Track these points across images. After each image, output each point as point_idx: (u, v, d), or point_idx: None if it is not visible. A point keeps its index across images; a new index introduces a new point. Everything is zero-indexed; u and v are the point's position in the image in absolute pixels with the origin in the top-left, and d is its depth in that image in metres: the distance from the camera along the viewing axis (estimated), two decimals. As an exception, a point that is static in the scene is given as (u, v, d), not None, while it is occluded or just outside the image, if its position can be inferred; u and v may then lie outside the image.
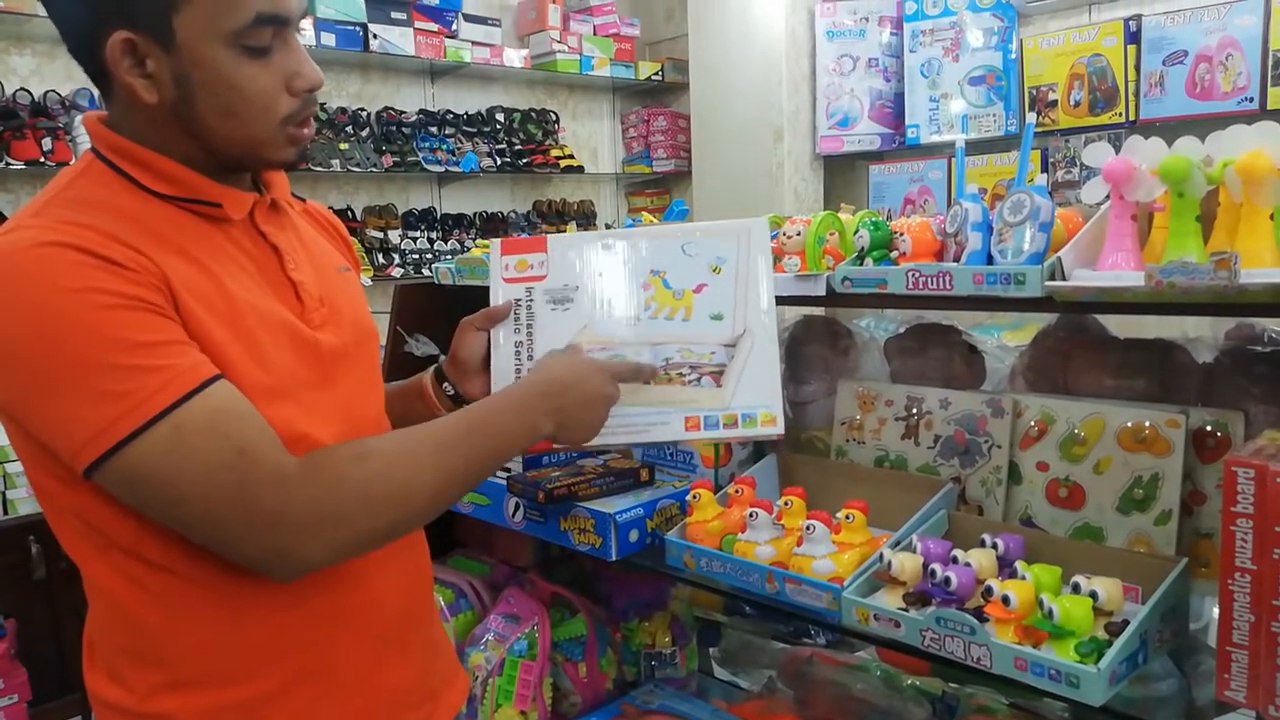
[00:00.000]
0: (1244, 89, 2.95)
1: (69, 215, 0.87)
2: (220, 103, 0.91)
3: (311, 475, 0.87)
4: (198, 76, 0.89)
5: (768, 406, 1.15)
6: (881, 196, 3.81)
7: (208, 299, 0.90)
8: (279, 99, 0.93)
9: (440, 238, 4.40)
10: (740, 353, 1.17)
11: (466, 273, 1.92)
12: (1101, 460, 1.28)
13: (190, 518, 0.85)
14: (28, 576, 2.76)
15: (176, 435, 0.82)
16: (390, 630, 1.04)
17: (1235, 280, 0.93)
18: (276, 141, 0.95)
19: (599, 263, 1.21)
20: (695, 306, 1.19)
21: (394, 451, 0.93)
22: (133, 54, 0.88)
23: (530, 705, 1.67)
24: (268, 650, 0.95)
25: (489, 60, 4.43)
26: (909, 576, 1.18)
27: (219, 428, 0.84)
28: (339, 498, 0.88)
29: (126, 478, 0.83)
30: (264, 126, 0.93)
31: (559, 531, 1.49)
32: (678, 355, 1.17)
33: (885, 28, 3.86)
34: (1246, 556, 0.92)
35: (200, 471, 0.83)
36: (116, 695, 0.95)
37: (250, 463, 0.85)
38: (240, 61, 0.90)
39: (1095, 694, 0.97)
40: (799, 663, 1.81)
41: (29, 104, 3.37)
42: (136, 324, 0.83)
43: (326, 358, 1.00)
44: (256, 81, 0.91)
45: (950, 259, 1.24)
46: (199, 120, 0.92)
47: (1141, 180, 1.07)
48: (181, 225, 0.93)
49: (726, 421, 1.15)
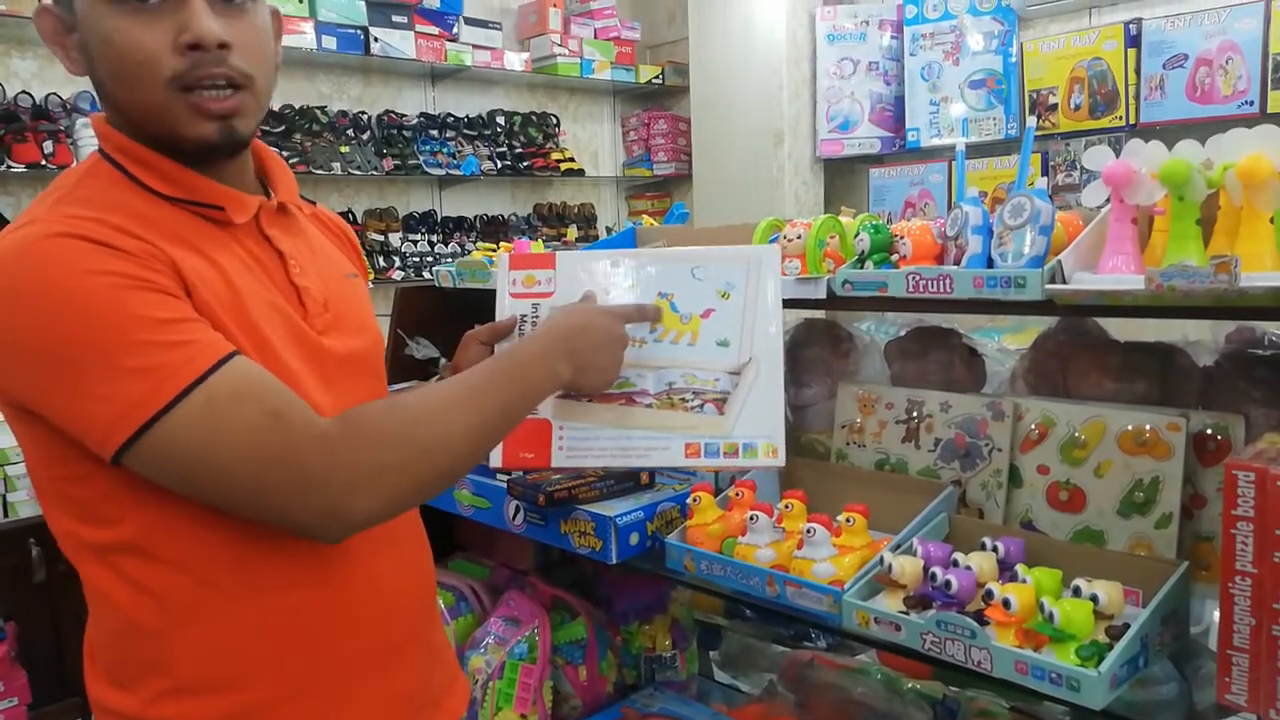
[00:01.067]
0: (1244, 92, 2.95)
1: (77, 211, 0.87)
2: (108, 65, 0.89)
3: (351, 431, 0.87)
4: (89, 38, 0.90)
5: (769, 437, 1.14)
6: (882, 200, 3.81)
7: (216, 290, 0.90)
8: (162, 55, 0.87)
9: (441, 241, 4.40)
10: (745, 381, 1.15)
11: (467, 276, 1.92)
12: (1102, 463, 1.28)
13: (235, 487, 0.84)
14: (28, 579, 2.75)
15: (210, 405, 0.82)
16: (393, 637, 1.04)
17: (1235, 283, 0.93)
18: (177, 110, 0.89)
19: (607, 282, 1.19)
20: (702, 332, 1.17)
21: (427, 402, 0.93)
22: (62, 26, 0.91)
23: (530, 708, 1.67)
24: (270, 657, 0.94)
25: (490, 63, 4.43)
26: (909, 580, 1.18)
27: (252, 394, 0.84)
28: (382, 450, 0.87)
29: (163, 453, 0.82)
30: (151, 88, 0.88)
31: (559, 534, 1.49)
32: (682, 380, 1.16)
33: (886, 31, 3.87)
34: (1247, 560, 0.92)
35: (241, 437, 0.83)
36: (118, 701, 0.94)
37: (289, 425, 0.84)
38: (115, 15, 0.87)
39: (1096, 697, 0.97)
40: (799, 666, 1.81)
41: (30, 107, 3.37)
42: (155, 303, 0.83)
43: (329, 362, 1.00)
44: (132, 35, 0.87)
45: (951, 262, 1.24)
46: (105, 88, 0.92)
47: (1142, 184, 1.07)
48: (187, 225, 0.94)
49: (727, 450, 1.14)
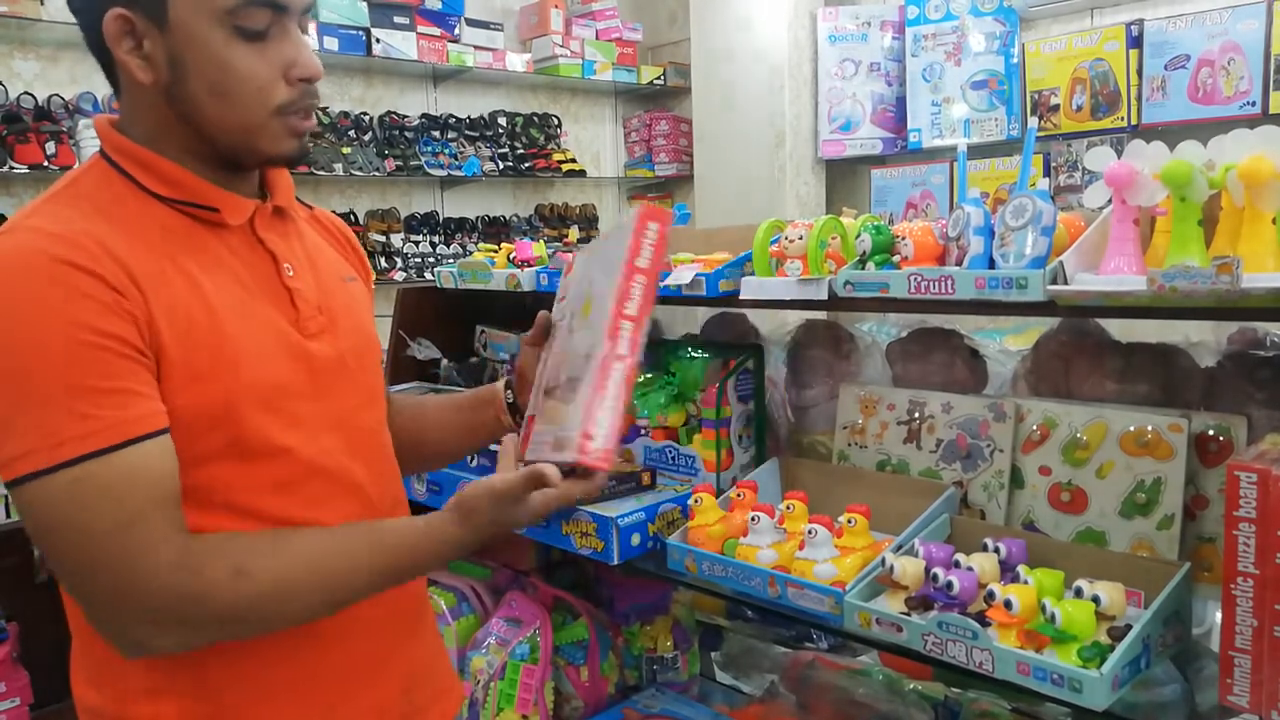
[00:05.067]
0: (1246, 93, 2.95)
1: (66, 215, 0.88)
2: (211, 83, 0.90)
3: (187, 575, 0.86)
4: (190, 56, 0.90)
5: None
6: (883, 200, 3.81)
7: (189, 315, 0.90)
8: (274, 85, 0.92)
9: (442, 241, 4.41)
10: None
11: (468, 276, 1.92)
12: (1104, 464, 1.28)
13: (64, 568, 0.85)
14: (30, 580, 2.75)
15: (76, 488, 0.82)
16: (374, 646, 1.03)
17: (1237, 284, 0.92)
18: (272, 131, 0.93)
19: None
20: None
21: (284, 573, 0.90)
22: (130, 33, 0.90)
23: (532, 709, 1.67)
24: (247, 661, 0.94)
25: (491, 64, 4.44)
26: (911, 581, 1.18)
27: (120, 494, 0.83)
28: (202, 608, 0.87)
29: (30, 507, 0.83)
30: (257, 112, 0.92)
31: (561, 535, 1.49)
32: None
33: (887, 32, 3.87)
34: (1249, 561, 0.92)
35: (84, 531, 0.83)
36: (95, 700, 0.96)
37: (132, 539, 0.83)
38: (233, 42, 0.89)
39: (1098, 698, 0.97)
40: (801, 667, 1.81)
41: (33, 108, 3.38)
42: (95, 365, 0.83)
43: (319, 368, 0.99)
44: (249, 64, 0.90)
45: (952, 263, 1.24)
46: (191, 101, 0.92)
47: (1143, 184, 1.07)
48: (176, 230, 0.94)
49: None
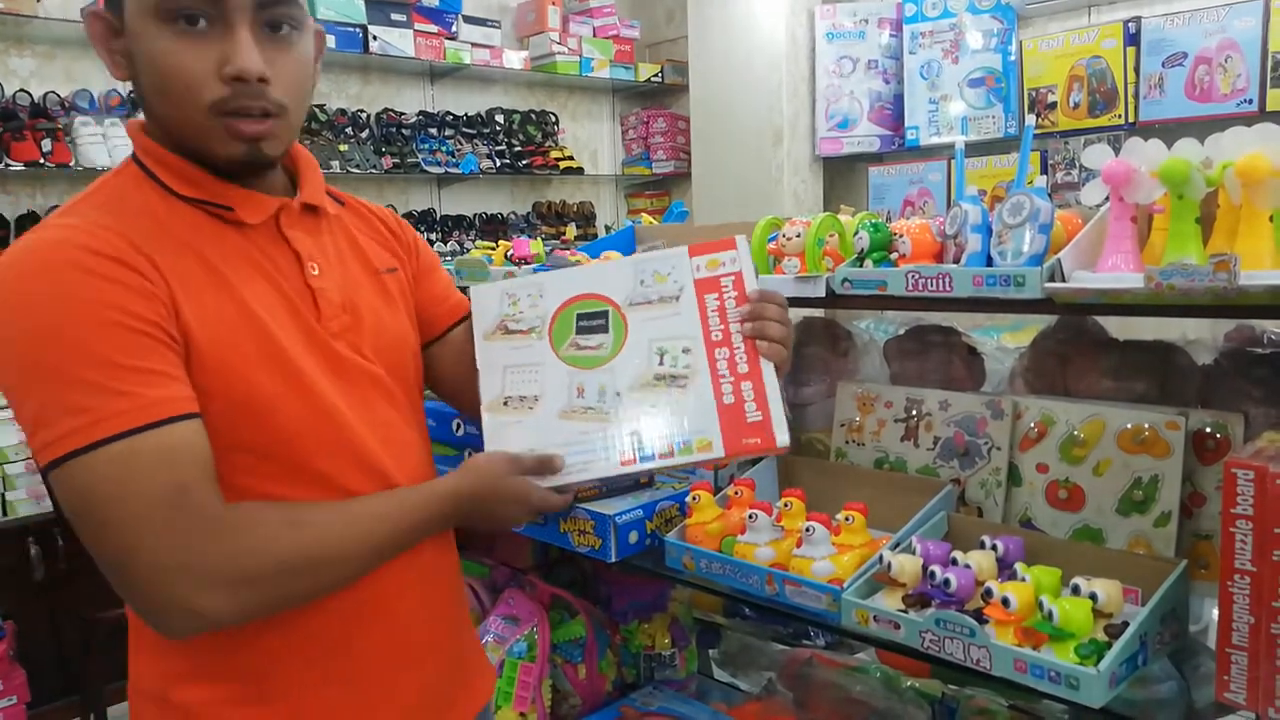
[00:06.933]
0: (1243, 91, 2.96)
1: (94, 216, 0.90)
2: (153, 81, 0.92)
3: (244, 530, 0.88)
4: (136, 51, 0.92)
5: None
6: (881, 198, 3.81)
7: (218, 310, 0.91)
8: (205, 82, 0.90)
9: (440, 239, 4.41)
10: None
11: (466, 274, 1.92)
12: (1101, 462, 1.28)
13: (107, 544, 0.84)
14: (27, 578, 2.76)
15: (120, 460, 0.82)
16: (416, 629, 1.05)
17: (1235, 282, 0.93)
18: (215, 132, 0.92)
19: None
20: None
21: (325, 523, 0.94)
22: (110, 31, 0.93)
23: (529, 707, 1.67)
24: (291, 642, 0.96)
25: (489, 62, 4.43)
26: (909, 578, 1.18)
27: (170, 463, 0.84)
28: (259, 560, 0.88)
29: (70, 488, 0.83)
30: (191, 110, 0.91)
31: (558, 533, 1.48)
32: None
33: (885, 30, 3.87)
34: (1246, 558, 0.92)
35: (136, 501, 0.83)
36: (143, 680, 0.98)
37: (187, 500, 0.84)
38: (166, 36, 0.89)
39: (1095, 696, 0.97)
40: (798, 664, 1.81)
41: (28, 105, 3.37)
42: (127, 346, 0.84)
43: (341, 367, 1.00)
44: (179, 59, 0.89)
45: (950, 261, 1.24)
46: (148, 101, 0.94)
47: (1141, 182, 1.07)
48: (201, 228, 0.95)
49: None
